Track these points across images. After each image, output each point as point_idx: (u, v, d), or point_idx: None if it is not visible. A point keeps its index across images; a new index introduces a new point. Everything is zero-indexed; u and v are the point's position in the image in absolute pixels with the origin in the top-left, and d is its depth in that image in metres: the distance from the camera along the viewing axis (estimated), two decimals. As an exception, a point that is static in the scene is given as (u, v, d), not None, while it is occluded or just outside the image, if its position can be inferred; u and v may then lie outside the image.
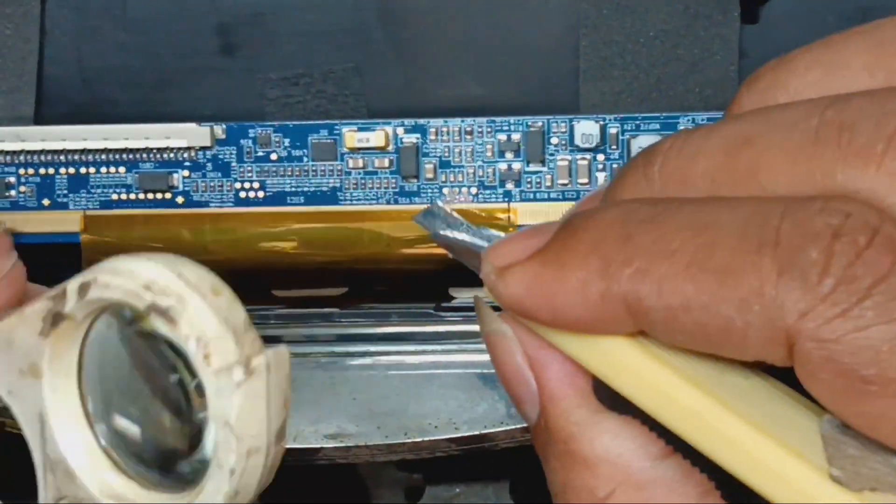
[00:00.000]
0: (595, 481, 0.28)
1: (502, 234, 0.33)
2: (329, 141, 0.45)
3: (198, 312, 0.28)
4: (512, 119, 0.45)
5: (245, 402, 0.28)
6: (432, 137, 0.45)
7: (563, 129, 0.45)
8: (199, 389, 0.30)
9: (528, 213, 0.46)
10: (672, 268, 0.25)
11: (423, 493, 0.52)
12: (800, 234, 0.24)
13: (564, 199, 0.45)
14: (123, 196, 0.46)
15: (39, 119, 0.48)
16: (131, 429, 0.33)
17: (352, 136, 0.45)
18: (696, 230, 0.25)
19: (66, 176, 0.46)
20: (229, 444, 0.28)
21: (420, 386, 0.46)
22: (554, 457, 0.29)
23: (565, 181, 0.45)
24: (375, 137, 0.45)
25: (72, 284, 0.29)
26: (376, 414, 0.45)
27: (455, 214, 0.34)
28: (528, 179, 0.45)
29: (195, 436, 0.31)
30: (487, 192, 0.45)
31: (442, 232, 0.33)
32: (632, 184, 0.28)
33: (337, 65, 0.48)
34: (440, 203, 0.34)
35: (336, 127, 0.45)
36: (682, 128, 0.45)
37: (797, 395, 0.27)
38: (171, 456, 0.32)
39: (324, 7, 0.48)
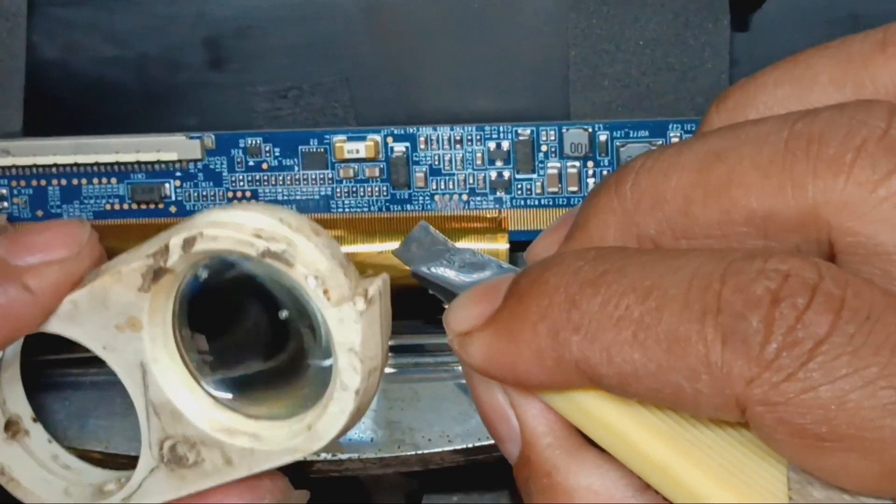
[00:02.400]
0: None
1: (496, 262, 0.36)
2: (319, 150, 0.48)
3: (309, 253, 0.33)
4: (501, 127, 0.48)
5: (367, 328, 0.32)
6: (422, 146, 0.48)
7: (553, 137, 0.47)
8: (309, 322, 0.34)
9: (520, 219, 0.48)
10: (619, 335, 0.28)
11: (421, 500, 0.54)
12: (740, 300, 0.26)
13: (555, 206, 0.48)
14: (116, 206, 0.49)
15: (28, 135, 0.51)
16: (231, 367, 0.36)
17: (341, 148, 0.48)
18: (640, 295, 0.28)
19: (58, 187, 0.49)
20: (354, 367, 0.32)
21: (413, 398, 0.47)
22: (537, 491, 0.31)
23: (555, 189, 0.47)
24: (365, 149, 0.48)
25: (174, 240, 0.33)
26: (370, 428, 0.47)
27: (440, 237, 0.36)
28: (519, 186, 0.48)
29: (298, 365, 0.35)
30: (479, 198, 0.48)
31: (420, 269, 0.36)
32: (604, 204, 0.31)
33: (325, 77, 0.51)
34: (424, 223, 0.36)
35: (326, 136, 0.48)
36: (671, 134, 0.47)
37: None
38: (272, 387, 0.36)
39: (312, 20, 0.51)
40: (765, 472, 0.28)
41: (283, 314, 0.35)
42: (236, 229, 0.33)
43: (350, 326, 0.32)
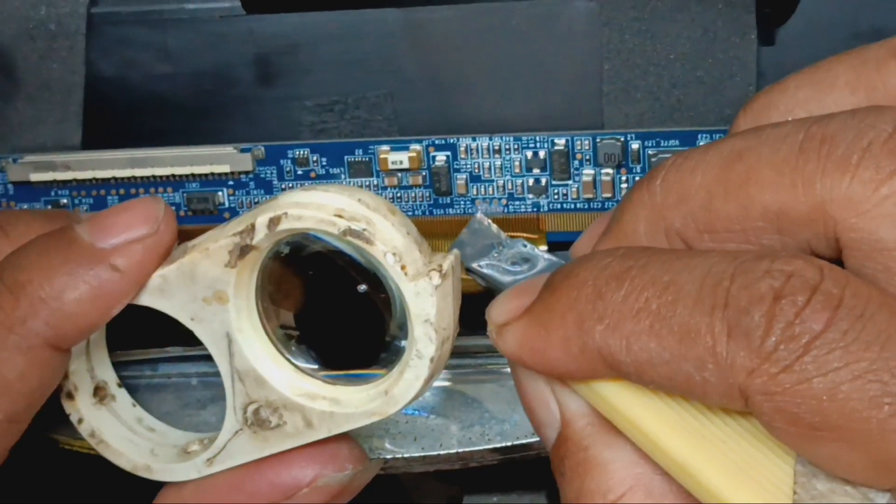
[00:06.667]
0: (609, 483, 0.32)
1: (545, 255, 0.38)
2: (364, 160, 0.50)
3: (386, 231, 0.35)
4: (538, 137, 0.50)
5: (441, 301, 0.35)
6: (462, 155, 0.50)
7: (587, 146, 0.49)
8: (385, 294, 0.37)
9: (557, 222, 0.51)
10: (638, 325, 0.30)
11: (461, 502, 0.55)
12: (746, 296, 0.28)
13: (590, 210, 0.50)
14: (174, 214, 0.50)
15: (87, 147, 0.53)
16: (310, 336, 0.40)
17: (385, 159, 0.49)
18: (659, 289, 0.30)
19: (116, 196, 0.51)
20: (430, 337, 0.35)
21: (452, 398, 0.49)
22: (571, 467, 0.33)
23: (590, 195, 0.49)
24: (408, 159, 0.50)
25: (260, 219, 0.36)
26: (412, 427, 0.48)
27: (493, 229, 0.39)
28: (556, 192, 0.50)
29: (374, 335, 0.38)
30: (517, 203, 0.50)
31: (472, 265, 0.38)
32: (636, 199, 0.33)
33: (370, 91, 0.53)
34: (480, 216, 0.38)
35: (370, 146, 0.51)
36: (700, 143, 0.49)
37: None
38: (350, 355, 0.39)
39: (356, 36, 0.53)
40: (773, 466, 0.30)
41: (362, 288, 0.37)
42: (318, 209, 0.35)
43: (426, 299, 0.35)
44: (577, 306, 0.31)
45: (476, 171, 0.50)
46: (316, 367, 0.39)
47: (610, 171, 0.49)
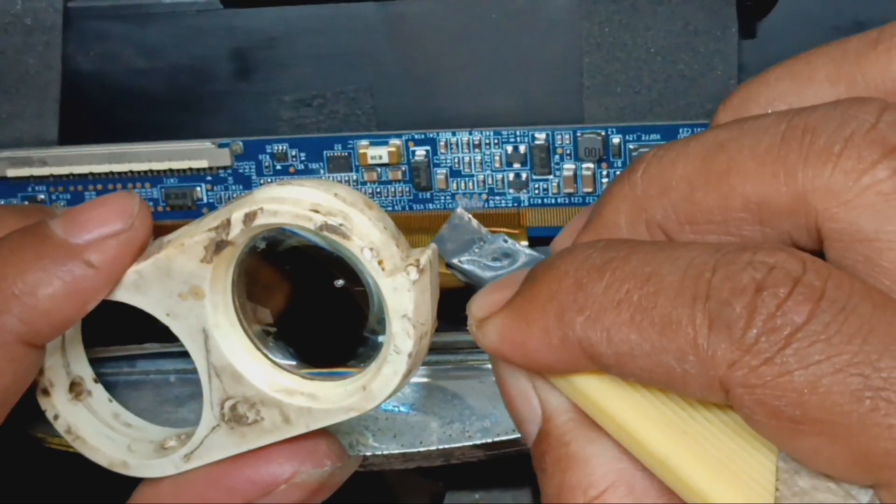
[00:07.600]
0: (590, 479, 0.32)
1: (525, 251, 0.37)
2: (343, 155, 0.50)
3: (363, 226, 0.35)
4: (518, 131, 0.50)
5: (418, 295, 0.35)
6: (442, 150, 0.49)
7: (568, 141, 0.49)
8: (362, 289, 0.37)
9: (538, 216, 0.50)
10: (619, 317, 0.30)
11: (444, 499, 0.55)
12: (727, 288, 0.28)
13: (571, 205, 0.50)
14: (151, 209, 0.50)
15: (64, 143, 0.52)
16: (287, 331, 0.40)
17: (364, 155, 0.49)
18: (640, 280, 0.30)
19: (94, 192, 0.51)
20: (407, 332, 0.35)
21: (433, 395, 0.49)
22: (552, 463, 0.33)
23: (571, 189, 0.49)
24: (388, 154, 0.50)
25: (236, 214, 0.36)
26: (392, 423, 0.48)
27: (473, 225, 0.38)
28: (536, 187, 0.50)
29: (351, 330, 0.38)
30: (497, 198, 0.50)
31: (452, 261, 0.38)
32: (617, 191, 0.33)
33: (349, 86, 0.52)
34: (460, 211, 0.38)
35: (349, 141, 0.50)
36: (682, 137, 0.48)
37: None
38: (327, 351, 0.39)
39: (335, 31, 0.52)
40: (755, 462, 0.29)
41: (339, 283, 0.37)
42: (294, 204, 0.35)
43: (403, 294, 0.34)
44: (557, 298, 0.31)
45: (456, 165, 0.50)
46: (294, 362, 0.39)
47: (591, 165, 0.49)
